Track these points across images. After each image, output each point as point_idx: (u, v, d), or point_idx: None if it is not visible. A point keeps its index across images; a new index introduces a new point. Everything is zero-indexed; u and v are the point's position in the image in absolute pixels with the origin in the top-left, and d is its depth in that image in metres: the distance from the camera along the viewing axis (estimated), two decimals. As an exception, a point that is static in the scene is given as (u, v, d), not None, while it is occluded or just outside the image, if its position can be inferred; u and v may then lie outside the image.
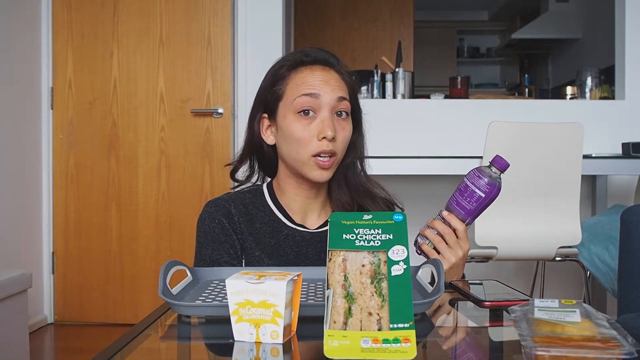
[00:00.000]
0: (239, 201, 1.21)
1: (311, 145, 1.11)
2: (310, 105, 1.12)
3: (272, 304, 0.72)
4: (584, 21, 5.18)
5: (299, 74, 1.15)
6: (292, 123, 1.13)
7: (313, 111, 1.12)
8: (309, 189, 1.20)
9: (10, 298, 2.14)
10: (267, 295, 0.72)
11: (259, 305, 0.72)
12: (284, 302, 0.72)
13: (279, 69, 1.18)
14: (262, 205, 1.22)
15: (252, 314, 0.73)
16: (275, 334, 0.72)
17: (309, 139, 1.11)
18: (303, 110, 1.12)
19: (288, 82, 1.15)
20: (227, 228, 1.17)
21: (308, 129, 1.11)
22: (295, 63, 1.16)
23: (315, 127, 1.11)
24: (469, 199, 1.05)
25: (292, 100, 1.13)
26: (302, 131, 1.12)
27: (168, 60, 3.17)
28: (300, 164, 1.14)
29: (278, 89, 1.16)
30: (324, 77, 1.14)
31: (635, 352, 0.60)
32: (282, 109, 1.16)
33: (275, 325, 0.72)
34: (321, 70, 1.15)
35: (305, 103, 1.12)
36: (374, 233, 0.77)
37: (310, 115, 1.12)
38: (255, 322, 0.73)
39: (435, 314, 0.91)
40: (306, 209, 1.22)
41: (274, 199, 1.23)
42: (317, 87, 1.12)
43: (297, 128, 1.12)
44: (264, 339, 0.73)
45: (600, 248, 2.24)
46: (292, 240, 1.19)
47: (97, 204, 3.19)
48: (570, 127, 2.09)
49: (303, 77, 1.14)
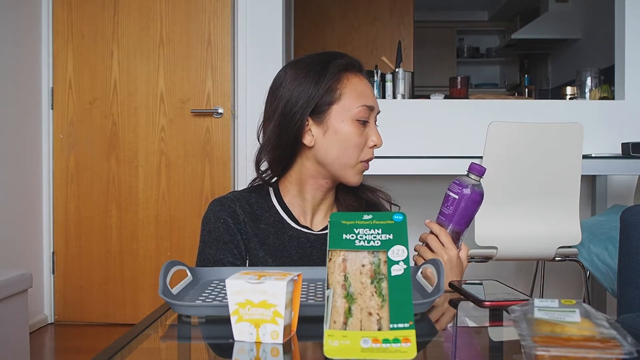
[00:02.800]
0: (245, 201, 1.21)
1: (364, 151, 1.18)
2: (367, 116, 1.17)
3: (272, 304, 0.72)
4: (584, 21, 5.18)
5: (352, 79, 1.17)
6: (350, 128, 1.16)
7: (367, 121, 1.18)
8: (327, 190, 1.23)
9: (10, 298, 2.14)
10: (267, 295, 0.72)
11: (259, 305, 0.72)
12: (284, 302, 0.72)
13: (331, 64, 1.16)
14: (268, 205, 1.22)
15: (252, 314, 0.73)
16: (276, 334, 0.72)
17: (362, 145, 1.17)
18: (361, 119, 1.16)
19: (345, 86, 1.16)
20: (232, 228, 1.17)
21: (362, 135, 1.17)
22: (346, 66, 1.18)
23: (366, 134, 1.17)
24: (448, 206, 1.13)
25: (351, 107, 1.15)
26: (358, 137, 1.16)
27: (168, 60, 3.18)
28: (346, 168, 1.18)
29: (333, 91, 1.15)
30: (371, 89, 1.21)
31: (635, 352, 0.60)
32: (338, 113, 1.15)
33: (275, 325, 0.72)
34: (366, 80, 1.21)
35: (364, 113, 1.16)
36: (374, 233, 0.77)
37: (364, 124, 1.17)
38: (255, 322, 0.73)
39: (435, 314, 0.91)
40: (315, 210, 1.24)
41: (280, 199, 1.23)
42: (371, 99, 1.18)
43: (355, 134, 1.16)
44: (264, 339, 0.73)
45: (600, 248, 2.24)
46: (296, 241, 1.19)
47: (97, 204, 3.19)
48: (570, 127, 2.09)
49: (357, 84, 1.18)
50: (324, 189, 1.22)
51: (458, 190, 1.11)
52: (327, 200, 1.24)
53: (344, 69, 1.17)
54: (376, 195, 1.28)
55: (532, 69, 6.66)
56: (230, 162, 3.14)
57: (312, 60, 1.18)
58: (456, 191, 1.11)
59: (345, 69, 1.17)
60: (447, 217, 1.13)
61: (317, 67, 1.16)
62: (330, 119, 1.15)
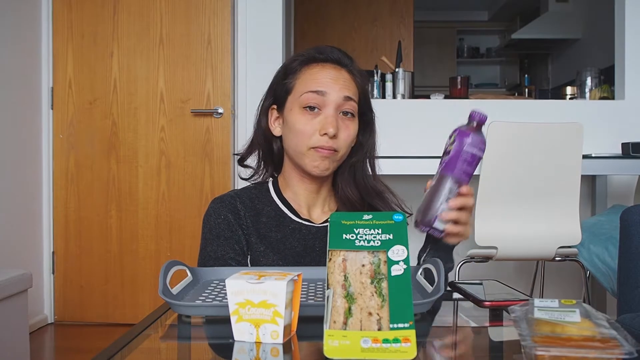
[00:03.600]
0: (245, 196, 1.22)
1: (312, 139, 1.14)
2: (315, 102, 1.14)
3: (272, 304, 0.72)
4: (584, 21, 5.18)
5: (310, 69, 1.18)
6: (297, 116, 1.16)
7: (318, 108, 1.14)
8: (311, 182, 1.22)
9: (10, 298, 2.14)
10: (267, 295, 0.72)
11: (259, 305, 0.72)
12: (284, 302, 0.72)
13: (291, 63, 1.21)
14: (268, 200, 1.23)
15: (252, 314, 0.73)
16: (275, 334, 0.72)
17: (311, 132, 1.14)
18: (309, 105, 1.14)
19: (299, 76, 1.18)
20: (232, 224, 1.18)
21: (311, 123, 1.14)
22: (308, 59, 1.19)
23: (318, 122, 1.14)
24: (471, 163, 0.97)
25: (299, 95, 1.16)
26: (304, 125, 1.14)
27: (168, 60, 3.18)
28: (301, 156, 1.16)
29: (288, 82, 1.19)
30: (334, 76, 1.16)
31: (635, 352, 0.60)
32: (290, 102, 1.18)
33: (275, 325, 0.72)
34: (332, 69, 1.17)
35: (312, 99, 1.14)
36: (374, 233, 0.77)
37: (315, 111, 1.15)
38: (255, 322, 0.73)
39: (435, 314, 0.91)
40: (309, 203, 1.24)
41: (279, 193, 1.24)
42: (324, 84, 1.14)
43: (300, 121, 1.15)
44: (264, 339, 0.73)
45: (600, 248, 2.24)
46: (298, 234, 1.20)
47: (97, 204, 3.19)
48: (570, 127, 2.09)
49: (313, 73, 1.17)
50: (308, 180, 1.21)
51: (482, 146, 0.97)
52: (321, 193, 1.24)
53: (305, 61, 1.19)
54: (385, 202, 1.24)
55: (532, 69, 6.66)
56: (230, 162, 3.14)
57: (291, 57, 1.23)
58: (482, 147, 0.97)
59: (308, 62, 1.19)
60: (468, 174, 0.97)
61: (287, 61, 1.22)
62: (285, 109, 1.19)
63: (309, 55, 1.19)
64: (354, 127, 1.18)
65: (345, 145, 1.17)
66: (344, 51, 1.22)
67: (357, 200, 1.23)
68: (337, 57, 1.19)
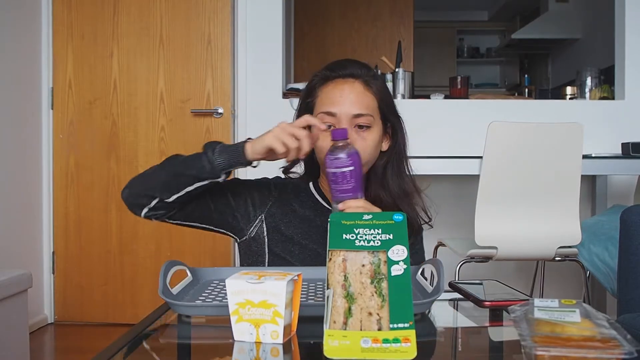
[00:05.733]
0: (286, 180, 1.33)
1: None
2: (329, 121, 1.19)
3: (272, 304, 0.72)
4: (584, 21, 5.18)
5: (325, 88, 1.23)
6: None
7: (333, 125, 1.19)
8: None
9: (10, 298, 2.14)
10: (267, 295, 0.72)
11: (259, 305, 0.72)
12: (284, 302, 0.72)
13: (311, 82, 1.27)
14: (305, 187, 1.31)
15: (252, 314, 0.73)
16: (275, 334, 0.72)
17: (327, 148, 1.16)
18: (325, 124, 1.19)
19: (317, 95, 1.24)
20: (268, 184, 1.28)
21: (327, 139, 1.17)
22: (322, 78, 1.25)
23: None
24: (348, 181, 1.09)
25: (316, 114, 1.22)
26: (321, 142, 1.18)
27: (168, 60, 3.17)
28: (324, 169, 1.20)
29: (310, 101, 1.25)
30: (345, 92, 1.20)
31: (635, 352, 0.60)
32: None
33: (275, 325, 0.72)
34: (344, 84, 1.21)
35: (325, 119, 1.19)
36: (374, 233, 0.77)
37: (331, 128, 1.18)
38: (255, 322, 0.73)
39: (435, 314, 0.91)
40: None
41: (319, 190, 1.31)
42: (335, 104, 1.19)
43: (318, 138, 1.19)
44: (264, 339, 0.73)
45: (600, 248, 2.24)
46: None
47: (97, 204, 3.18)
48: (570, 127, 2.09)
49: (327, 92, 1.22)
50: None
51: (349, 161, 1.08)
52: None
53: (321, 81, 1.24)
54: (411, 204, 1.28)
55: (532, 69, 6.65)
56: (230, 162, 3.14)
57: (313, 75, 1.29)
58: (348, 163, 1.08)
59: (323, 80, 1.24)
60: (354, 190, 1.09)
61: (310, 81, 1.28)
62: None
63: (322, 75, 1.24)
64: (371, 137, 1.21)
65: (366, 154, 1.20)
66: (358, 62, 1.26)
67: (388, 205, 1.25)
68: (349, 72, 1.22)
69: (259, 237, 1.24)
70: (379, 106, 1.23)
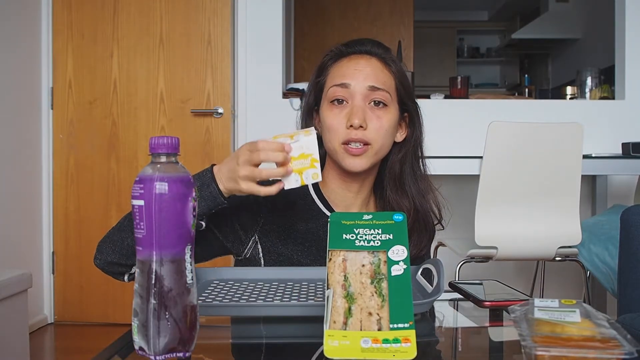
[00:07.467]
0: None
1: (340, 133, 1.09)
2: (341, 95, 1.10)
3: (309, 154, 0.93)
4: (584, 21, 5.18)
5: (338, 64, 1.14)
6: (326, 112, 1.12)
7: (345, 100, 1.10)
8: (350, 182, 1.15)
9: (10, 298, 2.14)
10: (304, 149, 0.93)
11: (299, 158, 0.93)
12: (317, 150, 0.93)
13: (322, 61, 1.17)
14: (304, 194, 1.17)
15: (295, 165, 0.93)
16: (316, 175, 0.93)
17: (337, 126, 1.09)
18: (336, 99, 1.10)
19: (328, 72, 1.15)
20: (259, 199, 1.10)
21: (339, 116, 1.09)
22: (336, 54, 1.15)
23: (345, 115, 1.09)
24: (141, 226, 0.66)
25: (327, 90, 1.13)
26: (332, 119, 1.10)
27: (168, 60, 3.17)
28: (334, 153, 1.11)
29: (321, 80, 1.15)
30: (360, 66, 1.11)
31: (635, 352, 0.60)
32: (322, 100, 1.15)
33: (315, 168, 0.93)
34: (360, 59, 1.12)
35: (337, 92, 1.10)
36: (374, 233, 0.77)
37: (342, 104, 1.10)
38: (299, 171, 0.93)
39: (435, 314, 0.91)
40: (347, 203, 1.18)
41: (317, 190, 1.18)
42: (348, 76, 1.10)
43: (329, 116, 1.10)
44: (307, 181, 0.93)
45: (600, 248, 2.24)
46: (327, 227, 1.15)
47: (97, 204, 3.19)
48: (570, 127, 2.09)
49: (340, 67, 1.13)
50: (348, 180, 1.15)
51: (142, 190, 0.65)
52: (360, 194, 1.17)
53: (334, 57, 1.15)
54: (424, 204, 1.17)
55: (532, 69, 6.65)
56: (230, 162, 3.14)
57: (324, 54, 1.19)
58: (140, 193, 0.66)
59: (337, 57, 1.15)
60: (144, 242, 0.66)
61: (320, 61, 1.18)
62: (320, 108, 1.16)
63: (337, 51, 1.15)
64: (387, 117, 1.10)
65: (380, 137, 1.09)
66: (377, 41, 1.16)
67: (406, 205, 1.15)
68: (366, 49, 1.14)
69: (254, 259, 1.14)
70: (397, 88, 1.12)
